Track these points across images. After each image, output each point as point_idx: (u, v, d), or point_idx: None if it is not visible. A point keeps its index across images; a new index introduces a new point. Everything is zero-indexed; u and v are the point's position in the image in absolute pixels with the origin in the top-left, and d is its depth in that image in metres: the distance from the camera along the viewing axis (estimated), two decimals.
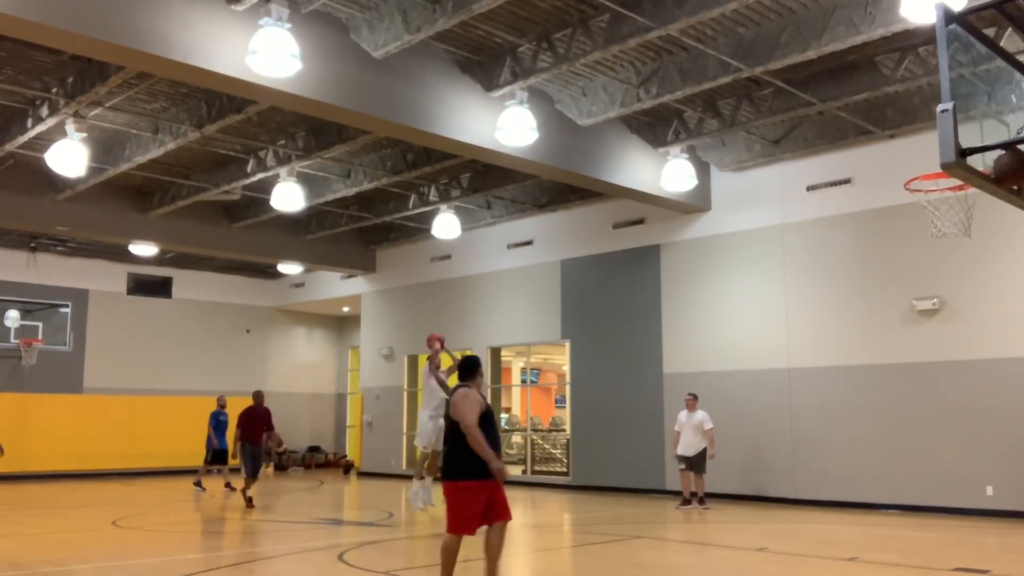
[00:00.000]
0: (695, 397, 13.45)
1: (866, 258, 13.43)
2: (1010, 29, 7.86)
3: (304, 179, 15.55)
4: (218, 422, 17.04)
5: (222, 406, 17.28)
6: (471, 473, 6.10)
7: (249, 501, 13.60)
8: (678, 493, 13.77)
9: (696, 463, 13.22)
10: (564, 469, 18.47)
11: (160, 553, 9.27)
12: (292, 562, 8.80)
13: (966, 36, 4.88)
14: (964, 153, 4.54)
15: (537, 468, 19.21)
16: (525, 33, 10.67)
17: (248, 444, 13.70)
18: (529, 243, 18.46)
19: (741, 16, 10.07)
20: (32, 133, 12.56)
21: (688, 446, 13.24)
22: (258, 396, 14.29)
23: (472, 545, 9.73)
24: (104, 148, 14.15)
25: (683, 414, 13.48)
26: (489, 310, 19.20)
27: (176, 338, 22.84)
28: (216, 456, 16.93)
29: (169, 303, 22.97)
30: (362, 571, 7.94)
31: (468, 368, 6.62)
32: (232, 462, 14.88)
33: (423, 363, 20.16)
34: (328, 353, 26.72)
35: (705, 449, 13.15)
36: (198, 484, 16.60)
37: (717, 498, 14.04)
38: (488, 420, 6.31)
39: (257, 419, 13.85)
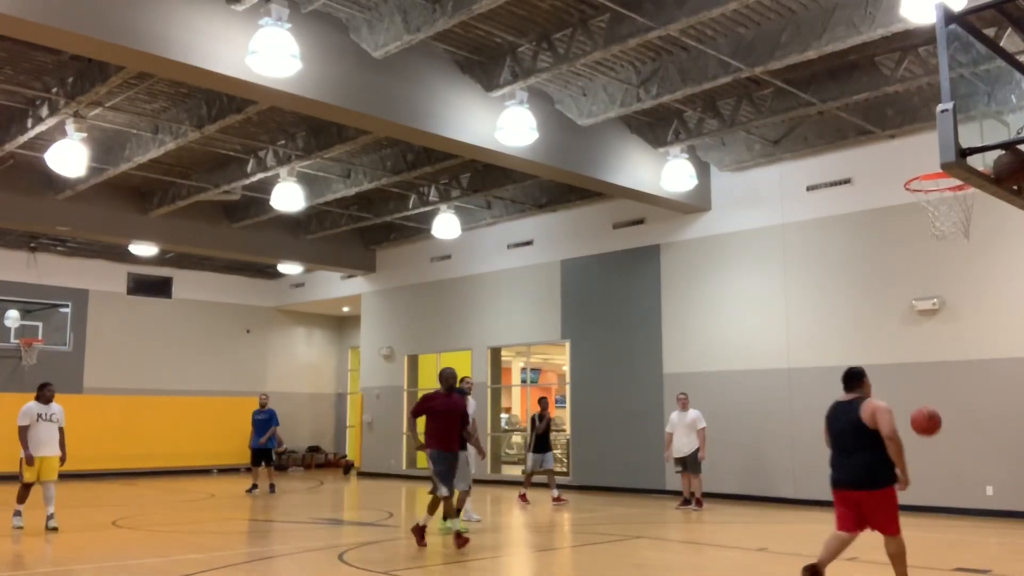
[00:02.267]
0: (687, 396, 13.55)
1: (866, 258, 13.42)
2: (1010, 29, 7.86)
3: (304, 179, 15.55)
4: (256, 420, 16.83)
5: (262, 405, 17.02)
6: (891, 479, 6.25)
7: (459, 538, 9.12)
8: (678, 493, 13.78)
9: (690, 463, 13.23)
10: (564, 469, 18.46)
11: (160, 553, 9.27)
12: (292, 562, 8.80)
13: (966, 36, 4.88)
14: (964, 153, 4.55)
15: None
16: (525, 33, 10.67)
17: (439, 451, 9.12)
18: (529, 243, 18.46)
19: (741, 16, 10.07)
20: (32, 133, 12.57)
21: (681, 446, 13.25)
22: (449, 378, 9.35)
23: (469, 547, 9.71)
24: (104, 148, 14.15)
25: (675, 414, 13.51)
26: (489, 310, 19.20)
27: (176, 338, 22.84)
28: (255, 456, 16.71)
29: (169, 303, 22.97)
30: (362, 571, 7.94)
31: (855, 377, 6.56)
32: (248, 463, 14.19)
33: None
34: (328, 353, 26.72)
35: (698, 449, 13.18)
36: (271, 488, 16.54)
37: (717, 498, 14.04)
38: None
39: (452, 414, 9.25)
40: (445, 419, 9.14)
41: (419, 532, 9.29)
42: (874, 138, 13.21)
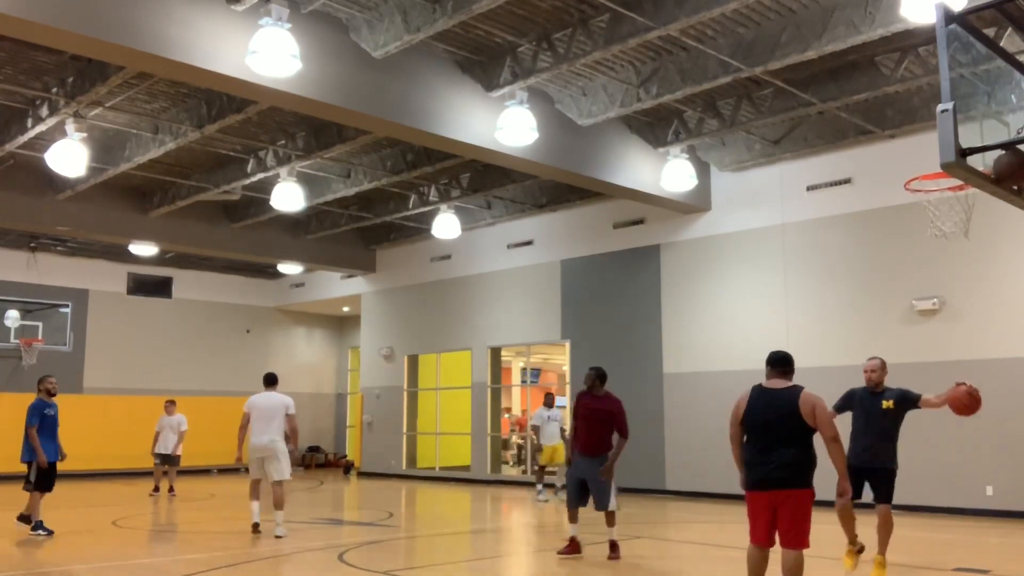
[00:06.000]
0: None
1: (866, 258, 13.42)
2: (1010, 29, 7.86)
3: (304, 179, 15.54)
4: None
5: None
6: (811, 482, 5.74)
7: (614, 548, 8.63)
8: (678, 493, 13.74)
9: None
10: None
11: (160, 553, 9.27)
12: (292, 562, 8.80)
13: (966, 36, 4.87)
14: (964, 153, 4.54)
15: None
16: (525, 33, 10.67)
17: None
18: (529, 243, 18.46)
19: (741, 16, 10.06)
20: (32, 133, 12.56)
21: None
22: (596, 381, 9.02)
23: (469, 547, 9.72)
24: (104, 148, 14.15)
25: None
26: (489, 310, 19.20)
27: (176, 338, 22.84)
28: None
29: (169, 303, 22.96)
30: (362, 571, 7.95)
31: (790, 363, 6.03)
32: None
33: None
34: (328, 353, 26.72)
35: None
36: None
37: (718, 498, 14.03)
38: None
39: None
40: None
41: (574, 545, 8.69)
42: (874, 138, 13.21)
